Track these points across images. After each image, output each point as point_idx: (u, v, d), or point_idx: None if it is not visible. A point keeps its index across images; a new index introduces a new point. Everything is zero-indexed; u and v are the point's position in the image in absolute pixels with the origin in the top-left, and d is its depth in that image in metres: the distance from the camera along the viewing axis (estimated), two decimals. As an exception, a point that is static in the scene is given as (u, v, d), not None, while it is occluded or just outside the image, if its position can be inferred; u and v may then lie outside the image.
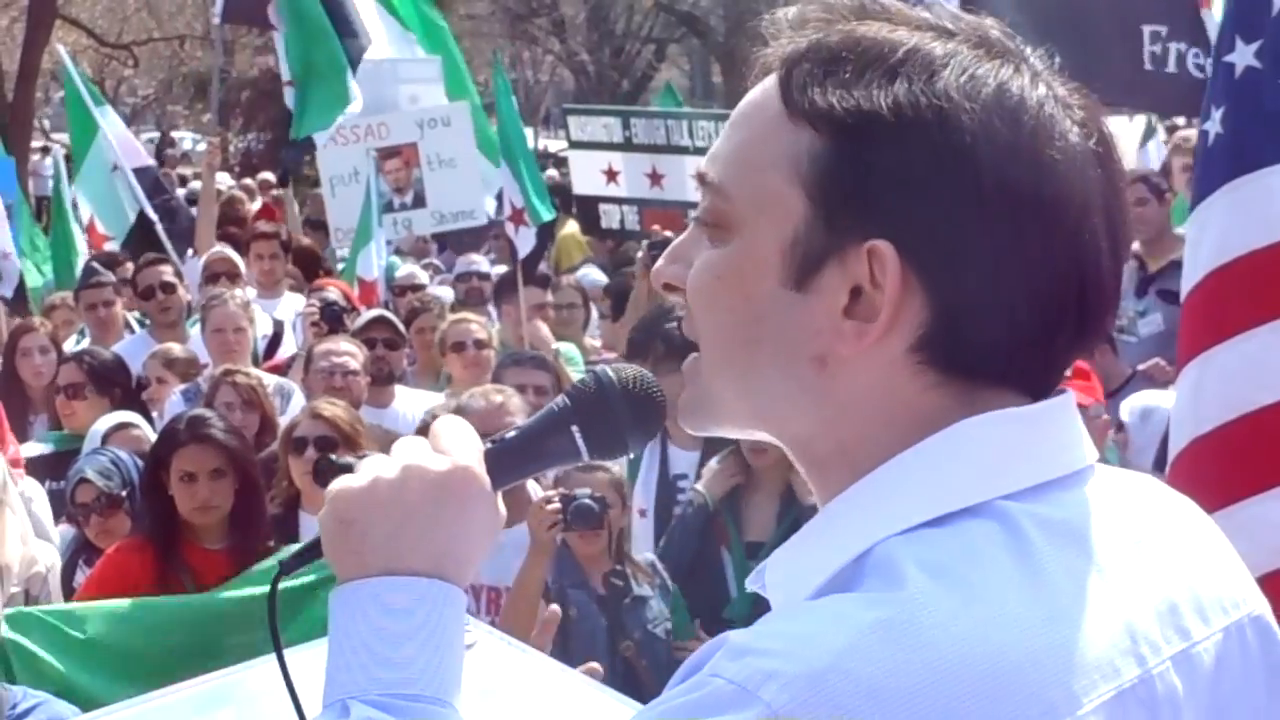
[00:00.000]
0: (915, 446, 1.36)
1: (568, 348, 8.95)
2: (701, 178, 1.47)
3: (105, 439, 6.70)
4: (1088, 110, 1.41)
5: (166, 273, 9.27)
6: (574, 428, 1.67)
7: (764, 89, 1.44)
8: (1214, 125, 4.32)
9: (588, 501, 5.17)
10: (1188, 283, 4.32)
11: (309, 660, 1.71)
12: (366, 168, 10.94)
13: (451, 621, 1.56)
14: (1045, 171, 1.34)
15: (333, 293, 8.89)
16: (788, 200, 1.38)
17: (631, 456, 5.37)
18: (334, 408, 6.06)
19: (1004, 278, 1.34)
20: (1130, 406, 6.65)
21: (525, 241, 10.43)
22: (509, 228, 10.64)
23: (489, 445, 1.67)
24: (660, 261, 1.53)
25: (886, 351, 1.37)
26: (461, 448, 1.63)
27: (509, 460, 1.67)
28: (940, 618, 1.23)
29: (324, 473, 5.46)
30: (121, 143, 12.06)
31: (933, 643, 1.21)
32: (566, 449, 1.68)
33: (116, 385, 7.61)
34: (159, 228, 11.47)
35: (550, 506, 5.13)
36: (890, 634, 1.21)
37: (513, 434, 1.70)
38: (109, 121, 12.18)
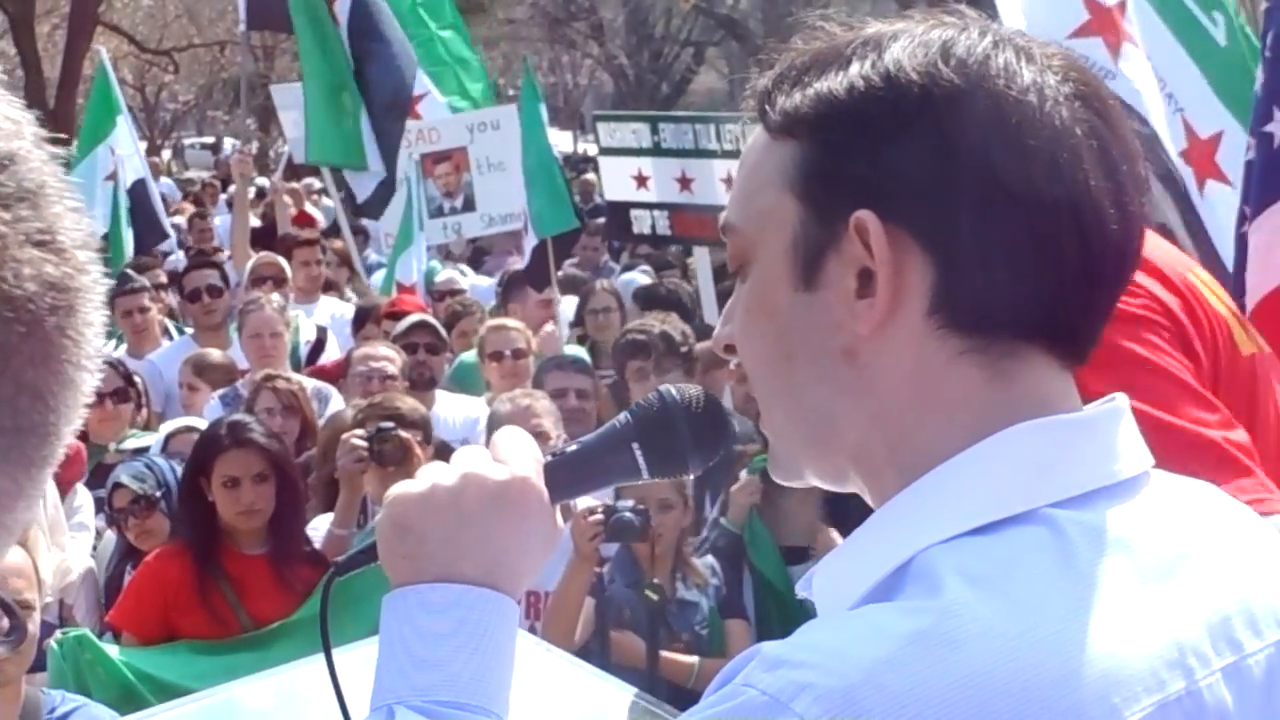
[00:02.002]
0: (962, 454, 1.34)
1: (576, 351, 8.93)
2: (723, 230, 1.49)
3: (168, 441, 6.78)
4: (1062, 58, 1.41)
5: (214, 276, 9.32)
6: (635, 445, 1.66)
7: (755, 129, 1.48)
8: (1277, 127, 4.25)
9: (628, 515, 5.18)
10: (1259, 289, 4.23)
11: (355, 661, 1.72)
12: (413, 173, 11.01)
13: (500, 631, 1.56)
14: (1002, 104, 1.34)
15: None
16: (783, 208, 1.41)
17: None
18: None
19: (989, 215, 1.33)
20: None
21: (528, 248, 10.56)
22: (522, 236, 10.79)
23: (549, 458, 1.67)
24: (717, 328, 1.54)
25: (906, 324, 1.36)
26: (521, 459, 1.63)
27: (568, 474, 1.67)
28: (977, 629, 1.21)
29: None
30: (126, 157, 12.16)
31: (969, 656, 1.19)
32: (627, 466, 1.68)
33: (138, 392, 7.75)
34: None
35: (592, 519, 5.15)
36: (925, 646, 1.19)
37: (574, 448, 1.70)
38: (121, 134, 12.27)
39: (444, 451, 5.68)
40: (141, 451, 6.81)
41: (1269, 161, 4.28)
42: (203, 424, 7.00)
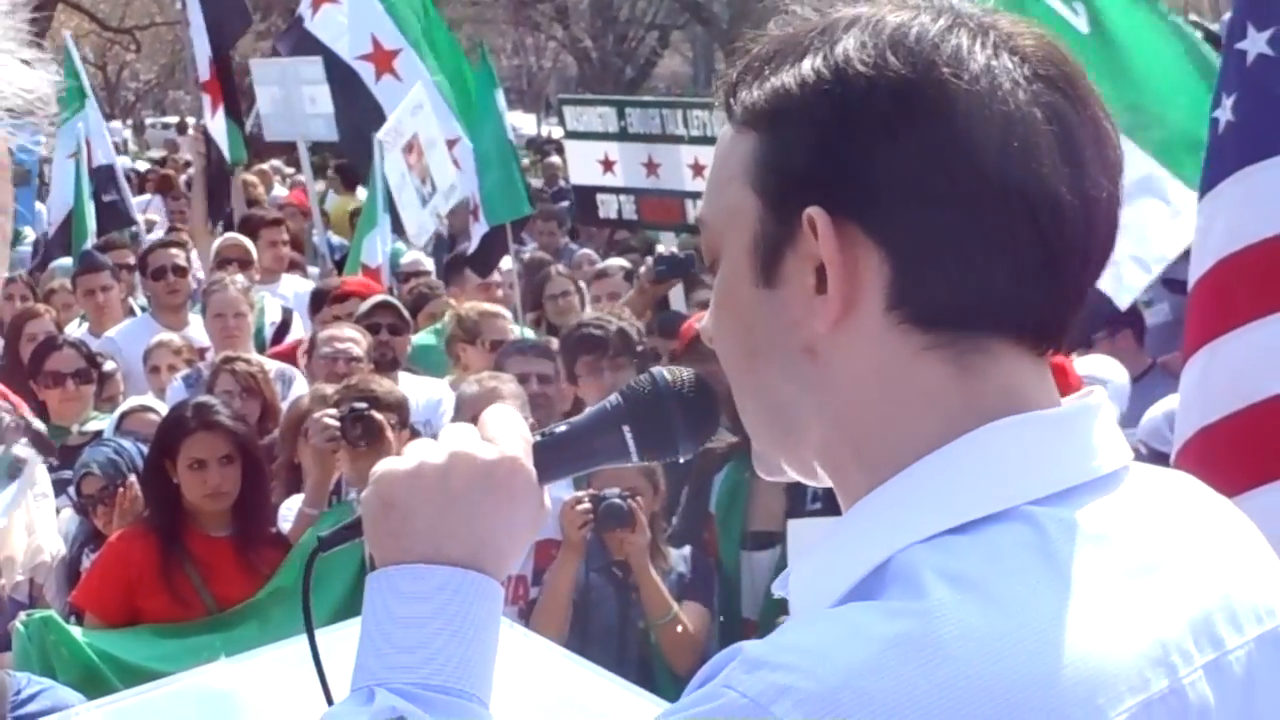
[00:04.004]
0: (937, 451, 1.33)
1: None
2: (699, 223, 1.48)
3: (121, 420, 6.76)
4: (1032, 38, 1.38)
5: (180, 257, 9.31)
6: (625, 428, 1.65)
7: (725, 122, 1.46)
8: (1225, 113, 4.31)
9: (617, 501, 5.20)
10: (1196, 271, 4.31)
11: (334, 642, 1.71)
12: (378, 154, 11.07)
13: (484, 614, 1.54)
14: (950, 94, 1.32)
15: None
16: (745, 204, 1.39)
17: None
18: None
19: (937, 208, 1.31)
20: (1155, 429, 6.06)
21: (477, 235, 10.59)
22: (470, 221, 10.83)
23: (538, 438, 1.65)
24: (704, 320, 1.53)
25: (866, 320, 1.34)
26: (510, 438, 1.61)
27: (557, 455, 1.65)
28: (960, 632, 1.20)
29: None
30: (94, 138, 12.19)
31: (951, 660, 1.18)
32: (616, 448, 1.66)
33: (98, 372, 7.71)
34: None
35: (580, 507, 5.18)
36: (908, 650, 1.18)
37: (563, 429, 1.68)
38: (87, 115, 12.28)
39: (412, 435, 5.68)
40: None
41: (1217, 145, 4.34)
42: (155, 403, 7.00)
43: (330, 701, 1.65)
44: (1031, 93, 1.34)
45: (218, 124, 12.11)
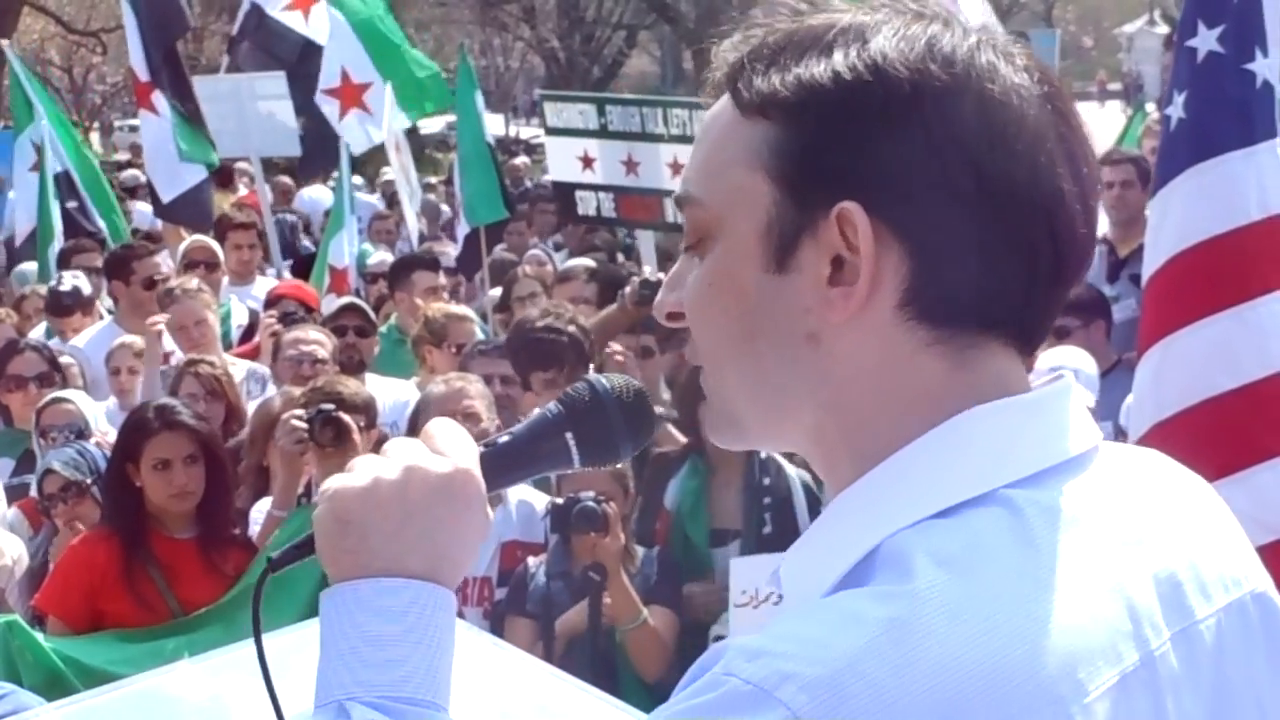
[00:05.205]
0: (920, 439, 1.38)
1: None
2: (679, 201, 1.50)
3: (39, 414, 6.78)
4: (1031, 59, 1.43)
5: (165, 265, 9.25)
6: (568, 434, 1.68)
7: (720, 101, 1.48)
8: (1176, 110, 4.35)
9: (590, 504, 5.19)
10: (1149, 267, 4.35)
11: (281, 646, 1.73)
12: (344, 155, 11.07)
13: (444, 624, 1.55)
14: (989, 105, 1.37)
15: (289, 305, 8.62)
16: (755, 189, 1.41)
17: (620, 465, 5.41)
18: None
19: (970, 215, 1.36)
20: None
21: (460, 236, 10.62)
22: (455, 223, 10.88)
23: (482, 448, 1.66)
24: (660, 294, 1.55)
25: (876, 314, 1.38)
26: (460, 449, 1.62)
27: (502, 464, 1.67)
28: (949, 614, 1.24)
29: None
30: (50, 147, 12.17)
31: (942, 641, 1.22)
32: (559, 455, 1.69)
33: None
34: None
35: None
36: (901, 633, 1.22)
37: (505, 438, 1.70)
38: (41, 126, 12.24)
39: (382, 437, 5.68)
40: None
41: (1168, 142, 4.39)
42: (75, 395, 7.02)
43: (280, 714, 1.65)
44: (1045, 112, 1.40)
45: (159, 123, 12.01)
